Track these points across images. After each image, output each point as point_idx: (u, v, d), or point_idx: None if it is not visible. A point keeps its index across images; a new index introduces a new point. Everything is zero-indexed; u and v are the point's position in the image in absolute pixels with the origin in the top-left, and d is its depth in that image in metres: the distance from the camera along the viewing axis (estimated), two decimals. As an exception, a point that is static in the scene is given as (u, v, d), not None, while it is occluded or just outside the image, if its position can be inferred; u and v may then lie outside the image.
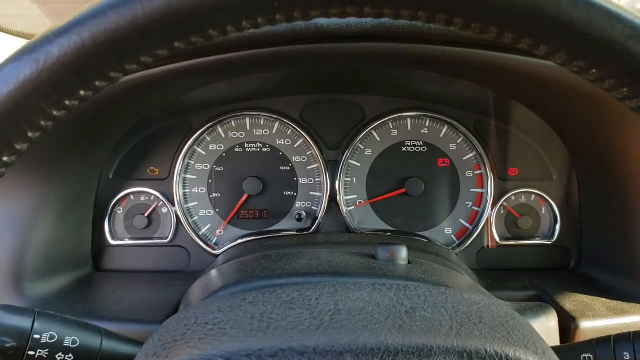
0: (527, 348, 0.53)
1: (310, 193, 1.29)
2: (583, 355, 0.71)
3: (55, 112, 0.47)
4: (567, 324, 0.97)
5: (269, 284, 0.79)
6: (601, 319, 0.97)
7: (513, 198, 1.28)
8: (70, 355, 0.64)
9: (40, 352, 0.63)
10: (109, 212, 1.25)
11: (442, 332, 0.53)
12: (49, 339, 0.64)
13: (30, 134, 0.47)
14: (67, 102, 0.46)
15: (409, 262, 0.89)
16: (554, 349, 0.77)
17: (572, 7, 0.42)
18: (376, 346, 0.50)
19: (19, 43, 1.41)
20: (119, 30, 0.43)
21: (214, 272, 0.96)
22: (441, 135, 1.28)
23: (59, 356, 0.64)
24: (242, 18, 0.45)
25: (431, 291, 0.63)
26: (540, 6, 0.42)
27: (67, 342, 0.65)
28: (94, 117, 1.00)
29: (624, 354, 0.68)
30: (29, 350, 0.62)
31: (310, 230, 1.28)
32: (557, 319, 0.98)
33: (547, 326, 0.95)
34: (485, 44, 0.86)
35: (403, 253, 0.88)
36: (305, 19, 0.46)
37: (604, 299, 1.04)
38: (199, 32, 0.45)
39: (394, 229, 1.29)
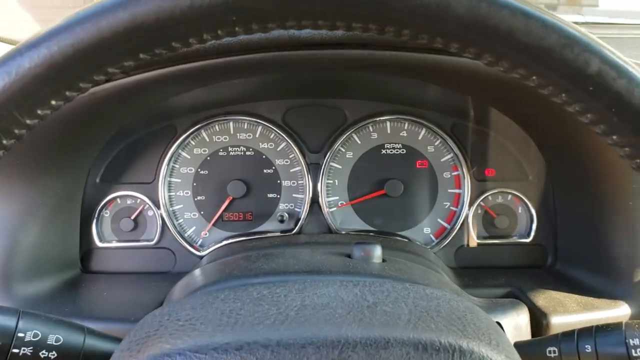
0: (481, 340, 0.56)
1: (293, 195, 1.32)
2: (548, 349, 0.73)
3: (28, 121, 0.49)
4: (539, 320, 0.99)
5: (244, 283, 0.82)
6: (571, 315, 1.00)
7: (490, 198, 1.31)
8: (54, 352, 0.66)
9: (24, 350, 0.65)
10: (96, 215, 1.28)
11: (400, 325, 0.56)
12: (33, 337, 0.65)
13: (5, 142, 0.49)
14: (39, 112, 0.49)
15: (384, 261, 0.92)
16: (522, 343, 0.80)
17: (511, 17, 0.45)
18: (336, 338, 0.53)
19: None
20: (85, 44, 0.46)
21: (195, 272, 0.98)
22: (419, 138, 1.31)
23: (42, 353, 0.65)
24: (203, 31, 0.48)
25: (395, 287, 0.66)
26: (481, 17, 0.45)
27: (51, 340, 0.66)
28: (77, 124, 1.02)
29: (586, 346, 0.71)
30: (13, 348, 0.64)
31: (293, 232, 1.30)
32: (528, 314, 1.00)
33: (517, 322, 0.98)
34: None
35: (377, 252, 0.91)
36: (264, 32, 0.49)
37: (576, 296, 1.07)
38: (162, 45, 0.48)
39: (374, 229, 1.32)
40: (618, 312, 1.01)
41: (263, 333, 0.54)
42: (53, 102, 0.49)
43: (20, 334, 0.65)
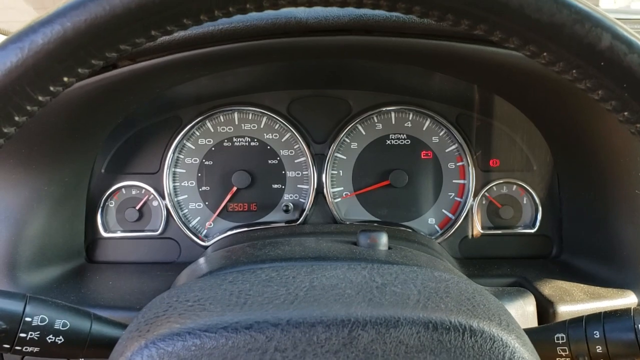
0: (491, 320, 0.56)
1: (298, 186, 1.32)
2: (556, 335, 0.73)
3: (40, 97, 0.49)
4: (546, 309, 0.99)
5: (251, 268, 0.82)
6: (578, 304, 1.00)
7: (495, 188, 1.31)
8: (61, 337, 0.67)
9: (31, 334, 0.65)
10: (102, 205, 1.28)
11: (410, 304, 0.56)
12: (40, 322, 0.66)
13: (17, 118, 0.49)
14: (51, 88, 0.49)
15: (389, 248, 0.92)
16: (529, 330, 0.80)
17: None
18: (346, 317, 0.53)
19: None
20: (98, 19, 0.46)
21: (201, 260, 0.99)
22: (424, 129, 1.31)
23: (49, 338, 0.66)
24: (214, 7, 0.48)
25: (403, 270, 0.66)
26: None
27: (58, 325, 0.67)
28: (84, 111, 1.03)
29: (594, 332, 0.71)
30: (20, 333, 0.64)
31: (298, 222, 1.31)
32: (535, 303, 1.00)
33: (524, 310, 0.98)
34: (460, 37, 0.89)
35: (383, 239, 0.91)
36: (274, 8, 0.49)
37: (582, 285, 1.07)
38: (174, 21, 0.48)
39: (379, 219, 1.32)
40: (625, 300, 1.01)
41: (273, 312, 0.54)
42: (65, 79, 0.49)
43: (28, 319, 0.65)
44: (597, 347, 0.69)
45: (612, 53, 0.46)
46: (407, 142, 1.31)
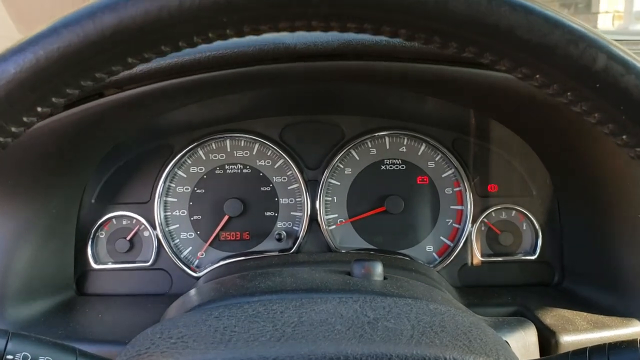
0: (488, 355, 0.54)
1: (291, 213, 1.30)
2: (559, 367, 0.71)
3: (14, 129, 0.47)
4: (548, 339, 0.97)
5: (240, 302, 0.79)
6: (582, 333, 0.97)
7: (493, 214, 1.28)
8: (44, 374, 0.64)
9: (13, 373, 0.63)
10: (92, 236, 1.25)
11: (402, 340, 0.54)
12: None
13: (-11, 150, 0.47)
14: (24, 119, 0.47)
15: (385, 278, 0.89)
16: (530, 362, 0.77)
17: (511, 13, 0.44)
18: (335, 355, 0.51)
19: None
20: (72, 47, 0.44)
21: (190, 292, 0.96)
22: (419, 153, 1.29)
23: (32, 376, 0.63)
24: (193, 33, 0.46)
25: (397, 303, 0.64)
26: (480, 14, 0.43)
27: None
28: (72, 141, 1.01)
29: (599, 365, 0.68)
30: (1, 371, 0.62)
31: (292, 251, 1.28)
32: (536, 333, 0.97)
33: (525, 341, 0.95)
34: (451, 60, 0.88)
35: (378, 269, 0.89)
36: (255, 34, 0.48)
37: (585, 314, 1.04)
38: (151, 48, 0.46)
39: (375, 247, 1.29)
40: (630, 330, 0.98)
41: (258, 350, 0.52)
42: (39, 109, 0.47)
43: (10, 357, 0.63)
44: (602, 380, 0.66)
45: (608, 74, 0.44)
46: (402, 167, 1.29)
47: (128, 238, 1.26)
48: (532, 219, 1.27)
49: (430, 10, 0.44)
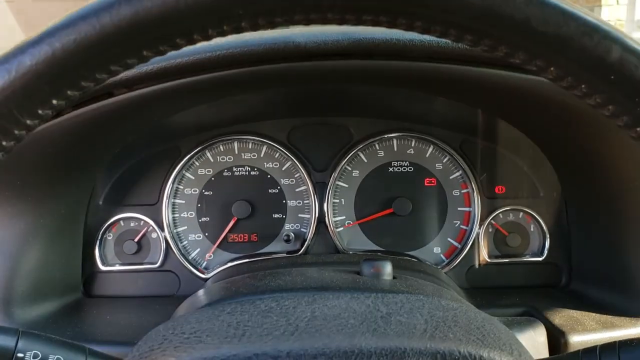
0: (502, 350, 0.54)
1: (299, 215, 1.30)
2: (569, 366, 0.70)
3: (28, 121, 0.48)
4: (557, 339, 0.96)
5: (250, 299, 0.79)
6: (591, 333, 0.97)
7: (501, 216, 1.28)
8: (54, 373, 0.64)
9: (24, 371, 0.63)
10: (100, 237, 1.26)
11: (416, 334, 0.53)
12: (33, 358, 0.63)
13: (4, 143, 0.47)
14: (39, 111, 0.47)
15: (394, 278, 0.89)
16: (541, 361, 0.76)
17: (527, 5, 0.44)
18: (349, 349, 0.51)
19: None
20: (88, 39, 0.44)
21: (200, 292, 0.96)
22: (427, 155, 1.29)
23: (42, 374, 0.63)
24: (208, 26, 0.46)
25: (409, 298, 0.64)
26: (495, 6, 0.44)
27: None
28: (81, 141, 1.01)
29: (610, 363, 0.67)
30: (12, 369, 0.62)
31: (300, 252, 1.28)
32: (545, 333, 0.97)
33: (535, 340, 0.95)
34: (462, 59, 0.88)
35: (387, 268, 0.88)
36: (271, 27, 0.48)
37: (594, 314, 1.04)
38: (166, 41, 0.47)
39: (382, 249, 1.29)
40: (640, 330, 0.98)
41: (272, 344, 0.52)
42: (54, 102, 0.47)
43: (20, 354, 0.63)
44: (612, 377, 0.66)
45: (623, 66, 0.44)
46: (410, 169, 1.29)
47: (136, 240, 1.26)
48: (540, 220, 1.27)
49: (446, 2, 0.44)
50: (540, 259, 1.27)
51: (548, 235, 1.26)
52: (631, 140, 0.49)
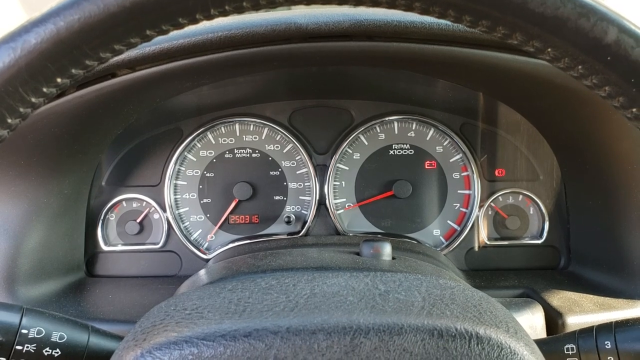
0: (498, 327, 0.54)
1: (300, 197, 1.31)
2: (566, 346, 0.71)
3: (33, 99, 0.48)
4: (554, 320, 0.98)
5: (251, 277, 0.80)
6: (588, 314, 0.98)
7: (500, 199, 1.29)
8: (58, 350, 0.65)
9: (27, 347, 0.64)
10: (102, 218, 1.27)
11: (414, 311, 0.54)
12: (37, 334, 0.64)
13: (9, 120, 0.48)
14: (44, 89, 0.48)
15: (393, 258, 0.90)
16: (538, 341, 0.78)
17: None
18: (348, 325, 0.52)
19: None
20: (92, 18, 0.45)
21: (201, 271, 0.97)
22: (428, 138, 1.30)
23: (46, 351, 0.64)
24: (210, 6, 0.47)
25: (407, 277, 0.65)
26: None
27: (55, 337, 0.65)
28: (84, 121, 1.02)
29: (605, 342, 0.69)
30: (16, 345, 0.63)
31: (300, 234, 1.29)
32: (543, 314, 0.98)
33: (532, 321, 0.96)
34: (462, 41, 0.88)
35: (387, 249, 0.89)
36: (272, 6, 0.48)
37: (592, 296, 1.05)
38: (169, 20, 0.47)
39: (383, 231, 1.30)
40: (637, 311, 0.99)
41: (272, 320, 0.53)
42: (59, 80, 0.48)
43: (24, 331, 0.64)
44: (608, 357, 0.67)
45: (619, 47, 0.44)
46: (411, 152, 1.30)
47: (138, 220, 1.28)
48: (539, 203, 1.28)
49: (444, -18, 0.44)
50: (539, 241, 1.28)
51: (547, 218, 1.27)
52: (627, 122, 0.50)
